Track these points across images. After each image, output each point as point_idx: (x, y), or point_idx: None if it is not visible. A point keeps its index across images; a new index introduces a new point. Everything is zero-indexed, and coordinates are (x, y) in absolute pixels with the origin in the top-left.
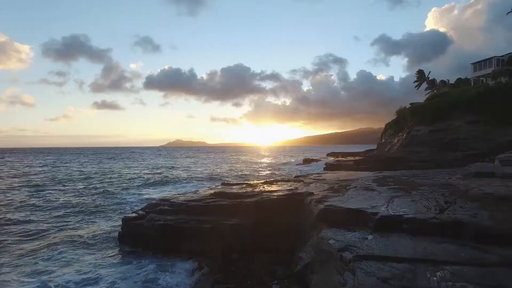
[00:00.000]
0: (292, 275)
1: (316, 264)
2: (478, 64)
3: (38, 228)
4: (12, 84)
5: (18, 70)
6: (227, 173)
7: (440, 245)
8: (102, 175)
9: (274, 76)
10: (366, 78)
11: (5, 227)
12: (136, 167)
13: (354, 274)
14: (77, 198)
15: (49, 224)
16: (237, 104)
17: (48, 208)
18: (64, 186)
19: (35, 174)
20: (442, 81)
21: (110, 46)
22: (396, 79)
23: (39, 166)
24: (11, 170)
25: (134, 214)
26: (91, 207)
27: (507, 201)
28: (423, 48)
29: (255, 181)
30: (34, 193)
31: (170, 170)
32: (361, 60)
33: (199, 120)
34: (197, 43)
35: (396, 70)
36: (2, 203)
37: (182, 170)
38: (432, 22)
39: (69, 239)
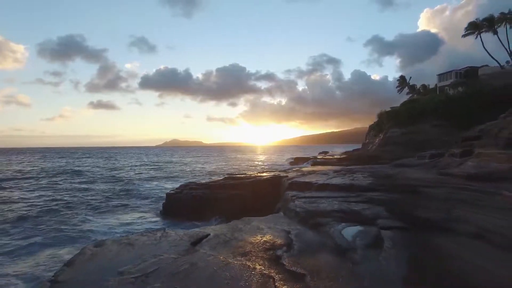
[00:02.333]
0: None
1: (282, 206)
2: (442, 76)
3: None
4: (8, 84)
5: (14, 70)
6: (227, 169)
7: (339, 193)
8: (114, 171)
9: (269, 76)
10: (360, 78)
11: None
12: (141, 165)
13: (294, 201)
14: (110, 186)
15: (105, 200)
16: (233, 104)
17: (96, 191)
18: (95, 178)
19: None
20: (423, 85)
21: (106, 46)
22: (390, 78)
23: (61, 164)
24: (37, 167)
25: (173, 191)
26: (122, 194)
27: (389, 176)
28: (415, 49)
29: (252, 172)
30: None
31: (173, 167)
32: (355, 61)
33: (196, 120)
34: (192, 44)
35: (389, 70)
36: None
37: (185, 167)
38: (424, 22)
39: (123, 210)
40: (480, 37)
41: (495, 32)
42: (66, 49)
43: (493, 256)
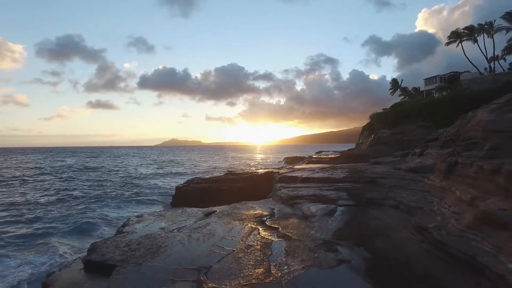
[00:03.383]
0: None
1: (272, 194)
2: (428, 80)
3: (117, 192)
4: (6, 83)
5: (12, 70)
6: (227, 166)
7: (317, 184)
8: (122, 169)
9: (267, 76)
10: (359, 77)
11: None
12: (146, 163)
13: (281, 190)
14: (121, 182)
15: (124, 193)
16: (231, 104)
17: (111, 186)
18: (105, 175)
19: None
20: (414, 88)
21: (104, 46)
22: (388, 78)
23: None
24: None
25: (181, 185)
26: (133, 189)
27: (361, 171)
28: (412, 49)
29: (249, 169)
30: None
31: (176, 165)
32: (352, 61)
33: (194, 120)
34: (190, 44)
35: (387, 70)
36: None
37: (187, 165)
38: (422, 23)
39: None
40: (461, 45)
41: (475, 41)
42: (65, 49)
43: (396, 217)
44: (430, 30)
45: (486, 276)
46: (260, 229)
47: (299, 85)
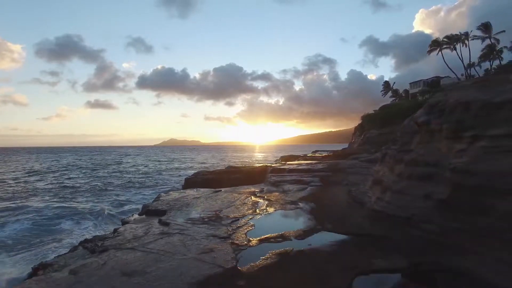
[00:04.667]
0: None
1: (264, 181)
2: (413, 84)
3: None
4: (5, 83)
5: (11, 70)
6: (227, 163)
7: (299, 173)
8: (132, 165)
9: (265, 76)
10: (357, 77)
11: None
12: (152, 161)
13: (271, 178)
14: (133, 177)
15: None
16: (230, 104)
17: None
18: (120, 171)
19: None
20: (405, 90)
21: (103, 46)
22: (386, 78)
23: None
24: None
25: (189, 176)
26: (146, 182)
27: (337, 164)
28: (409, 49)
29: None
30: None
31: (179, 162)
32: (350, 61)
33: (193, 120)
34: (189, 44)
35: (385, 70)
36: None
37: (189, 163)
38: (419, 23)
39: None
40: (442, 53)
41: (454, 49)
42: (64, 49)
43: (343, 190)
44: (427, 31)
45: (366, 209)
46: (252, 197)
47: (298, 85)
